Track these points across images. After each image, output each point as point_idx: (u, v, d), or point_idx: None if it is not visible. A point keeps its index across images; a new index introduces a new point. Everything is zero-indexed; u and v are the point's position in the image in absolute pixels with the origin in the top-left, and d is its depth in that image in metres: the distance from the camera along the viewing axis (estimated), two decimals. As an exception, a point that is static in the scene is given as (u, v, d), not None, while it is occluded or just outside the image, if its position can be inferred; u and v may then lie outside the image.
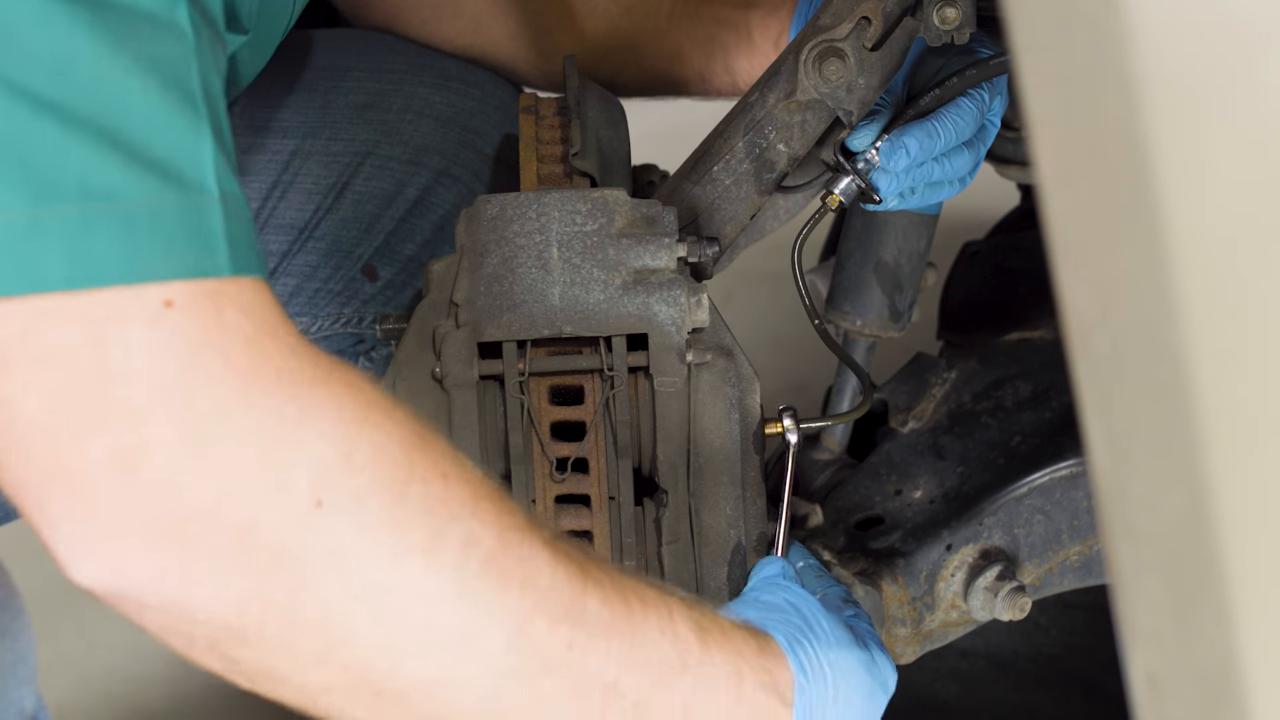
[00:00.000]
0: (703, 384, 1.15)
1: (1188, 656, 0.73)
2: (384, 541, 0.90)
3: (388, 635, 0.92)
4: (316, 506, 0.89)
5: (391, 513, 0.90)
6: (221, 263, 0.89)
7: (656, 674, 0.98)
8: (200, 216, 0.89)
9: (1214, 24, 0.63)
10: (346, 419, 0.90)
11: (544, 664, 0.95)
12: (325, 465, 0.89)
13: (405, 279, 1.54)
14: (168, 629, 0.92)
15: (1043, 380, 1.47)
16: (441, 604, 0.92)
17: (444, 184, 1.53)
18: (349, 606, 0.90)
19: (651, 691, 0.98)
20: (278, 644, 0.91)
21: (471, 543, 0.92)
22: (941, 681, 1.94)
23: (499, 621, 0.93)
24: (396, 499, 0.91)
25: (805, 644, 1.07)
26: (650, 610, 0.99)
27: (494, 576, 0.93)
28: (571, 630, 0.95)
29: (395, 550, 0.91)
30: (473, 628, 0.93)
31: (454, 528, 0.92)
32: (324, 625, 0.91)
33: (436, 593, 0.92)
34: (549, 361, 1.16)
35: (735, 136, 1.28)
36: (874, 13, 1.24)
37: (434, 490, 0.92)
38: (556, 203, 1.15)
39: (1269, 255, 0.66)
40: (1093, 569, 1.40)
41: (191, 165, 0.89)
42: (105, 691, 2.19)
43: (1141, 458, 0.72)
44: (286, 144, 1.53)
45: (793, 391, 2.51)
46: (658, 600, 1.00)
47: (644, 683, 0.98)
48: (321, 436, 0.89)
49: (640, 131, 1.41)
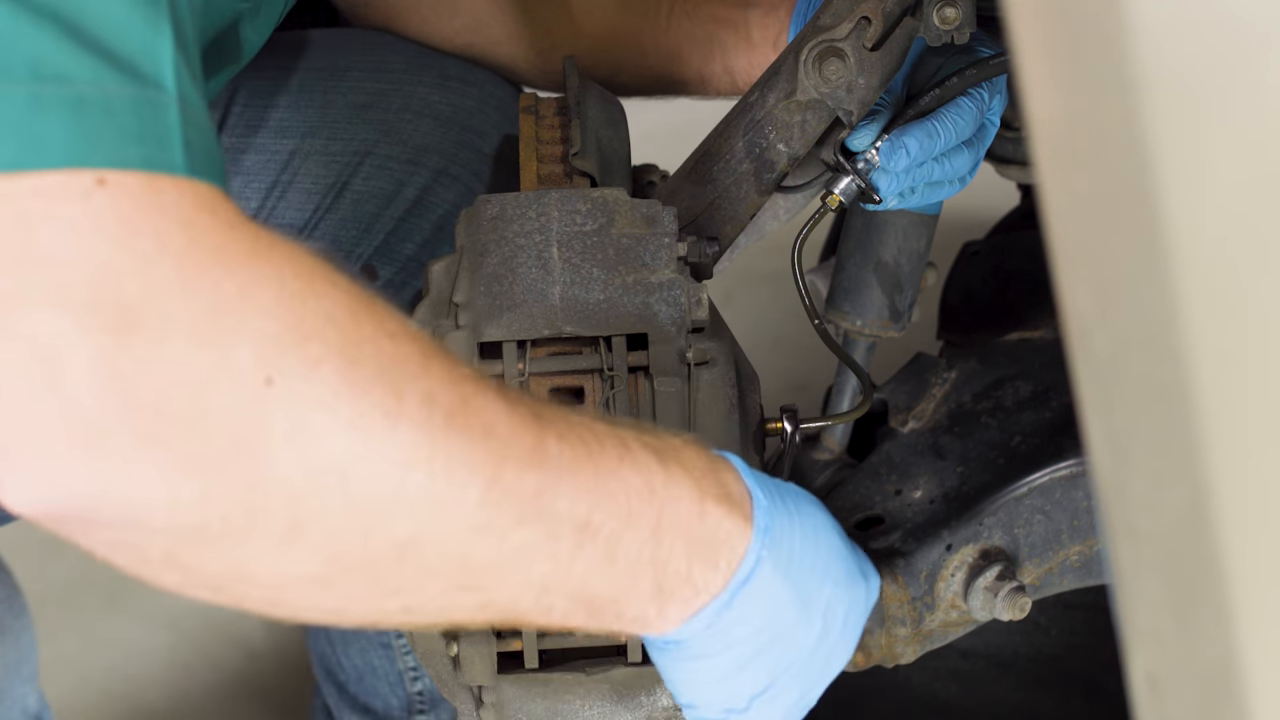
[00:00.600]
0: (703, 384, 1.15)
1: (1188, 656, 0.73)
2: (344, 409, 0.85)
3: (357, 504, 0.87)
4: (267, 384, 0.84)
5: (347, 378, 0.86)
6: (176, 161, 0.84)
7: (624, 503, 0.95)
8: (155, 112, 0.84)
9: (1214, 24, 0.63)
10: (289, 291, 0.85)
11: (516, 514, 0.91)
12: (272, 339, 0.84)
13: (405, 278, 1.54)
14: (118, 545, 0.86)
15: (1043, 380, 1.47)
16: (411, 465, 0.87)
17: (443, 183, 1.53)
18: (315, 482, 0.85)
19: (623, 521, 0.95)
20: (243, 537, 0.85)
21: (431, 399, 0.88)
22: (941, 681, 1.94)
23: (470, 475, 0.89)
24: (350, 363, 0.86)
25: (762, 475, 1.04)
26: (607, 442, 0.96)
27: (458, 431, 0.89)
28: (538, 475, 0.91)
29: (356, 416, 0.86)
30: (444, 484, 0.88)
31: (412, 386, 0.88)
32: (291, 505, 0.85)
33: (404, 454, 0.87)
34: (549, 361, 1.16)
35: (735, 136, 1.28)
36: (874, 13, 1.24)
37: (385, 350, 0.88)
38: (556, 203, 1.15)
39: (1269, 255, 0.66)
40: (1093, 569, 1.40)
41: (149, 61, 0.85)
42: (105, 691, 2.19)
43: (1141, 458, 0.72)
44: (285, 144, 1.53)
45: (793, 391, 2.52)
46: (610, 431, 0.97)
47: (614, 515, 0.94)
48: (264, 311, 0.84)
49: (640, 131, 1.40)
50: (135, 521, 0.84)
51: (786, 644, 1.03)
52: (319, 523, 0.86)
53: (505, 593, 0.94)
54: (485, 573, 0.92)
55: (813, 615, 1.04)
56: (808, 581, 1.03)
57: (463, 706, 1.15)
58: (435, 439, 0.88)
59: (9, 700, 1.02)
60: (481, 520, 0.90)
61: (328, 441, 0.85)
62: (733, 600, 0.99)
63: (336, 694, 1.75)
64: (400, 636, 1.69)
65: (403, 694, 1.72)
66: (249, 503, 0.85)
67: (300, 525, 0.86)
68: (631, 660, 1.11)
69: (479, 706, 1.13)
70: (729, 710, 1.04)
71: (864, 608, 1.08)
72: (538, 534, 0.92)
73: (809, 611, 1.03)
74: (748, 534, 0.99)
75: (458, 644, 1.10)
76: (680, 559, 0.97)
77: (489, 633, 1.10)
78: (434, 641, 1.12)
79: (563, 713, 1.12)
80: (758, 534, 1.00)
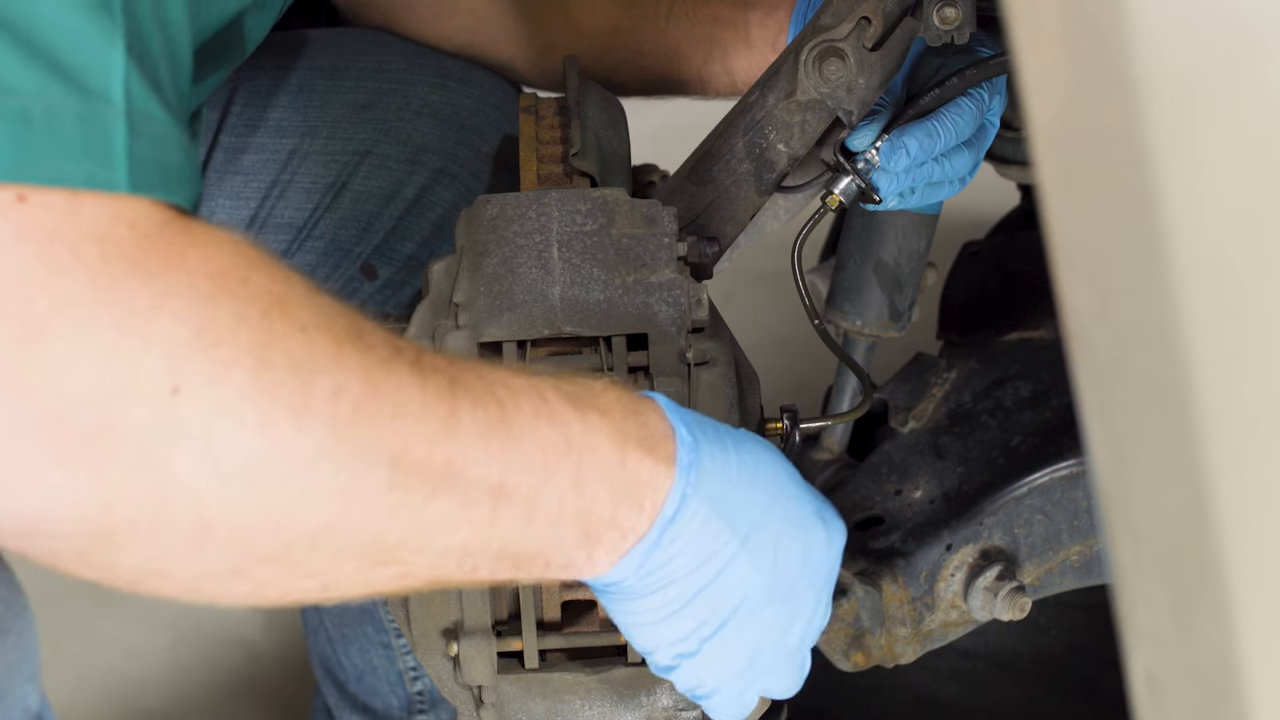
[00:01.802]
0: (703, 384, 1.15)
1: (1188, 656, 0.73)
2: (250, 412, 0.86)
3: (267, 502, 0.87)
4: (174, 392, 0.84)
5: (256, 380, 0.86)
6: (118, 178, 0.85)
7: (540, 460, 0.95)
8: (99, 127, 0.85)
9: (1214, 24, 0.63)
10: (200, 294, 0.86)
11: (427, 489, 0.91)
12: (180, 345, 0.84)
13: (404, 278, 1.54)
14: (31, 548, 0.87)
15: (1043, 380, 1.47)
16: (318, 460, 0.88)
17: (442, 183, 1.53)
18: (223, 488, 0.86)
19: (540, 479, 0.95)
20: (150, 540, 0.87)
21: (340, 391, 0.89)
22: (941, 681, 1.94)
23: (376, 460, 0.89)
24: (260, 364, 0.86)
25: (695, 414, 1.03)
26: (521, 398, 0.96)
27: (365, 418, 0.89)
28: (447, 447, 0.92)
29: (262, 417, 0.86)
30: (351, 472, 0.89)
31: (321, 381, 0.88)
32: (198, 509, 0.86)
33: (311, 449, 0.88)
34: (549, 361, 1.16)
35: (735, 136, 1.28)
36: (874, 13, 1.24)
37: (295, 345, 0.88)
38: (556, 203, 1.15)
39: (1269, 255, 0.66)
40: (1093, 569, 1.40)
41: (98, 74, 0.85)
42: (105, 691, 2.19)
43: (1141, 458, 0.72)
44: (285, 143, 1.53)
45: (793, 391, 2.52)
46: (527, 386, 0.97)
47: (531, 473, 0.94)
48: (174, 317, 0.85)
49: (640, 131, 1.41)
50: (43, 528, 0.86)
51: (731, 582, 1.02)
52: (229, 523, 0.87)
53: (424, 562, 0.94)
54: (401, 548, 0.93)
55: (758, 553, 1.02)
56: (745, 517, 1.02)
57: (463, 707, 1.15)
58: (340, 431, 0.88)
59: (10, 699, 1.02)
60: (393, 502, 0.91)
61: (234, 445, 0.86)
62: (660, 539, 0.99)
63: (336, 694, 1.75)
64: (400, 636, 1.69)
65: (403, 694, 1.72)
66: (155, 509, 0.86)
67: (209, 527, 0.87)
68: (631, 660, 1.11)
69: (479, 706, 1.13)
70: (680, 655, 1.03)
71: (825, 550, 1.06)
72: (452, 505, 0.92)
73: (753, 549, 1.02)
74: (671, 472, 0.99)
75: (458, 644, 1.10)
76: (604, 505, 0.97)
77: (489, 632, 1.10)
78: (434, 641, 1.12)
79: (563, 713, 1.12)
80: (681, 471, 0.99)
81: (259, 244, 0.91)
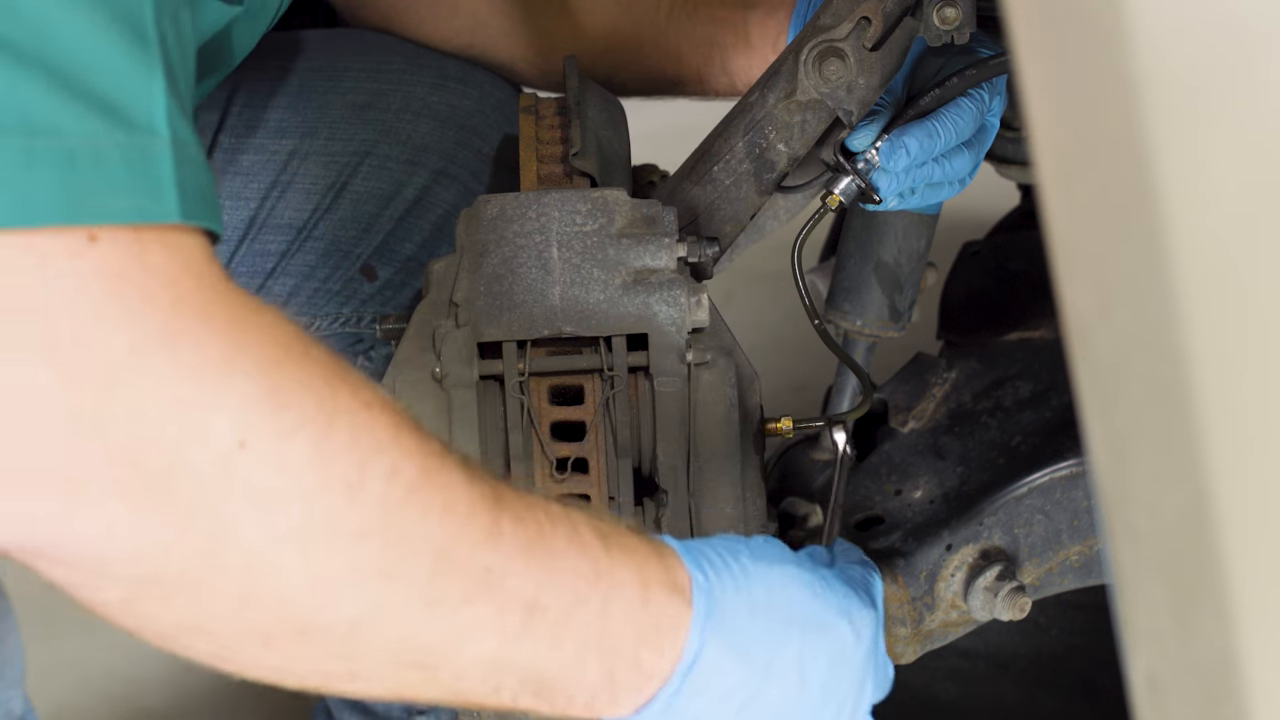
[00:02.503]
0: (703, 384, 1.15)
1: (1188, 656, 0.73)
2: (309, 478, 0.87)
3: (314, 573, 0.89)
4: (240, 447, 0.86)
5: (318, 448, 0.88)
6: (169, 208, 0.86)
7: (572, 586, 0.96)
8: (147, 160, 0.86)
9: (1214, 24, 0.63)
10: (269, 357, 0.87)
11: (466, 592, 0.93)
12: (252, 403, 0.86)
13: (404, 278, 1.54)
14: (79, 585, 0.89)
15: (1043, 380, 1.47)
16: (367, 537, 0.89)
17: (442, 183, 1.53)
18: (274, 548, 0.87)
19: (571, 603, 0.96)
20: (198, 593, 0.88)
21: (395, 473, 0.90)
22: (941, 681, 1.95)
23: (422, 550, 0.91)
24: (323, 433, 0.88)
25: (706, 550, 1.04)
26: (558, 524, 0.97)
27: (417, 505, 0.91)
28: (490, 554, 0.93)
29: (320, 486, 0.88)
30: (397, 557, 0.90)
31: (378, 459, 0.90)
32: (248, 568, 0.88)
33: (361, 526, 0.89)
34: (549, 361, 1.16)
35: (735, 136, 1.28)
36: (874, 13, 1.24)
37: (359, 421, 0.90)
38: (556, 203, 1.15)
39: (1269, 255, 0.66)
40: (1093, 569, 1.40)
41: (141, 107, 0.86)
42: (105, 692, 2.19)
43: (1141, 458, 0.72)
44: (284, 144, 1.53)
45: (793, 391, 2.52)
46: (563, 514, 0.98)
47: (564, 596, 0.96)
48: (246, 375, 0.86)
49: (640, 131, 1.41)
50: (97, 564, 0.87)
51: (761, 708, 1.03)
52: (275, 587, 0.89)
53: (452, 669, 0.95)
54: (433, 651, 0.94)
55: (784, 677, 1.03)
56: (765, 645, 1.02)
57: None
58: (391, 512, 0.90)
59: (-6, 704, 1.02)
60: (432, 595, 0.92)
61: (290, 508, 0.87)
62: (682, 685, 1.00)
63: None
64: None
65: (403, 694, 1.72)
66: (208, 560, 0.87)
67: (256, 587, 0.88)
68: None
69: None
70: None
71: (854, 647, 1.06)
72: (487, 612, 0.93)
73: (778, 674, 1.03)
74: (689, 615, 1.00)
75: None
76: (628, 643, 0.98)
77: None
78: None
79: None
80: (697, 618, 1.00)
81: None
